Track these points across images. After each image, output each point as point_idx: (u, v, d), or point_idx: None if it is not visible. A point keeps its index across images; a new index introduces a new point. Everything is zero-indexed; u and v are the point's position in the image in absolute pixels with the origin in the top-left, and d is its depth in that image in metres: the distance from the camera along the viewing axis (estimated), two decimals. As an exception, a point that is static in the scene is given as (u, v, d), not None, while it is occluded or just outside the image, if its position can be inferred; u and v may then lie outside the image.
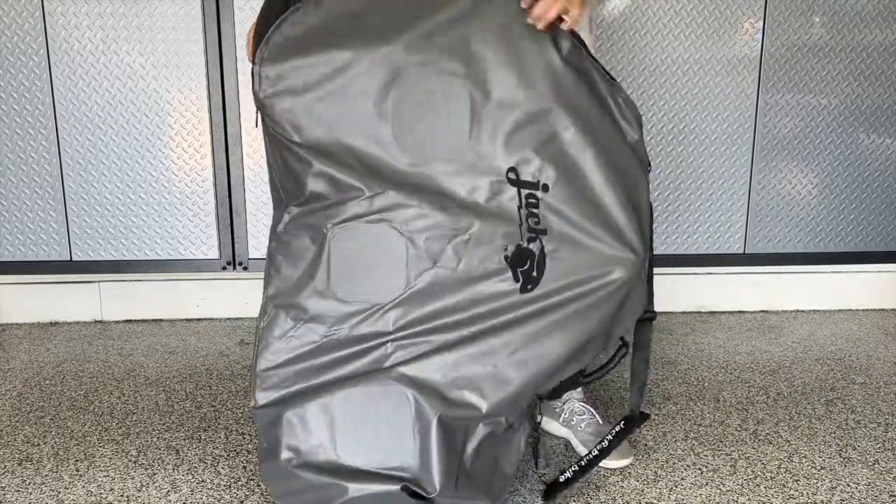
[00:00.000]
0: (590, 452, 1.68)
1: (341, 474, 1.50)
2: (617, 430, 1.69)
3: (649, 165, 1.55)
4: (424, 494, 1.48)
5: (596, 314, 1.50)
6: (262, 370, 1.53)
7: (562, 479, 1.66)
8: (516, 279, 1.47)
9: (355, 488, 1.49)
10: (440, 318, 1.49)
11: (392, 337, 1.50)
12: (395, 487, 1.48)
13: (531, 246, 1.47)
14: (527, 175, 1.45)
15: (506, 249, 1.47)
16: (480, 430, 1.52)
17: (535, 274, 1.47)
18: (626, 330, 1.56)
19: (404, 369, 1.49)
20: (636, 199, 1.50)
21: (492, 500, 1.54)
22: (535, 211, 1.46)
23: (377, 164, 1.47)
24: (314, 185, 1.50)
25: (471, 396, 1.49)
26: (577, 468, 1.66)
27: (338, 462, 1.51)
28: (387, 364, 1.50)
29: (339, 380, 1.51)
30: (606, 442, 1.68)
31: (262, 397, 1.53)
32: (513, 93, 1.43)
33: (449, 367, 1.49)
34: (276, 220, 1.59)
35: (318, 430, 1.51)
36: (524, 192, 1.46)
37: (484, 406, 1.49)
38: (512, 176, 1.45)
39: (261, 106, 1.48)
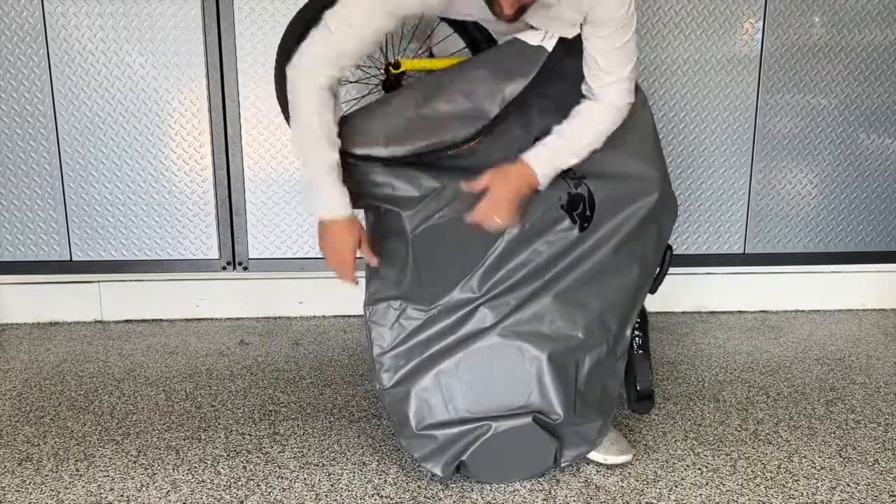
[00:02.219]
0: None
1: (474, 420, 1.71)
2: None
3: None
4: (550, 422, 1.71)
5: (646, 231, 1.75)
6: (377, 356, 1.75)
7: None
8: (573, 221, 1.69)
9: (498, 425, 1.70)
10: (520, 270, 1.70)
11: (483, 300, 1.71)
12: (528, 419, 1.70)
13: (580, 190, 1.69)
14: None
15: (560, 199, 1.68)
16: (588, 361, 1.73)
17: (588, 213, 1.69)
18: (668, 235, 1.83)
19: (506, 325, 1.71)
20: (635, 141, 1.75)
21: (604, 417, 1.76)
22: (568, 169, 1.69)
23: (433, 161, 1.69)
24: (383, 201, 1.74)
25: (567, 328, 1.71)
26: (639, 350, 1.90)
27: (466, 416, 1.71)
28: (487, 324, 1.71)
29: (447, 348, 1.72)
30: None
31: (387, 378, 1.74)
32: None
33: (542, 314, 1.71)
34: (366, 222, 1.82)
35: (438, 396, 1.71)
36: None
37: (580, 332, 1.71)
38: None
39: None
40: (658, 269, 1.83)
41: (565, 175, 1.68)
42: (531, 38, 1.68)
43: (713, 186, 2.62)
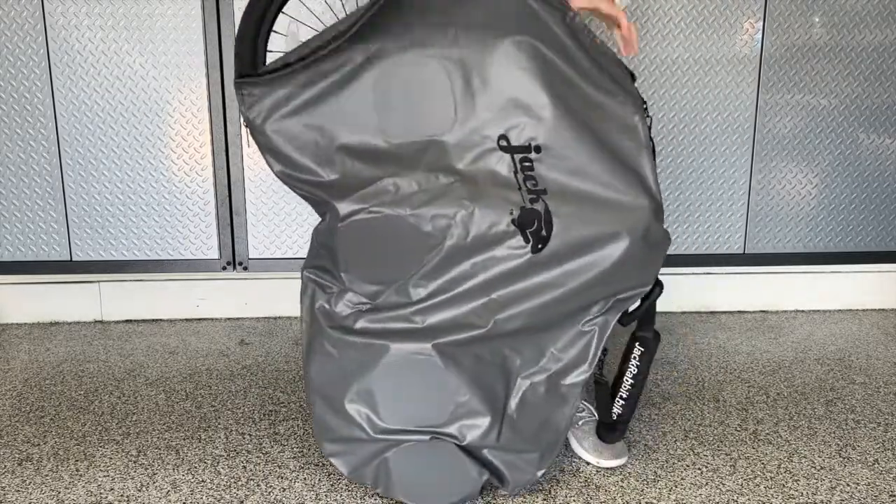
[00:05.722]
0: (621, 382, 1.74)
1: (388, 432, 1.63)
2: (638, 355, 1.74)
3: (645, 105, 1.55)
4: (473, 446, 1.62)
5: (621, 274, 1.54)
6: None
7: (615, 416, 1.75)
8: (526, 240, 1.51)
9: (404, 441, 1.63)
10: (462, 283, 1.55)
11: (417, 308, 1.58)
12: (426, 437, 1.62)
13: (535, 206, 1.50)
14: (518, 140, 1.48)
15: (511, 213, 1.51)
16: (521, 384, 1.63)
17: (543, 233, 1.50)
18: (657, 270, 1.59)
19: (438, 340, 1.60)
20: (631, 149, 1.52)
21: (542, 450, 1.64)
22: (531, 173, 1.49)
23: (368, 153, 1.54)
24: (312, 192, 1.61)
25: (504, 351, 1.62)
26: (622, 404, 1.75)
27: (382, 426, 1.63)
28: (419, 326, 1.60)
29: (375, 347, 1.62)
30: (635, 368, 1.73)
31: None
32: (497, 77, 1.47)
33: (480, 336, 1.59)
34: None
35: (362, 407, 1.64)
36: (517, 156, 1.49)
37: (518, 358, 1.62)
38: (503, 143, 1.49)
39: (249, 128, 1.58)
40: (637, 305, 1.64)
41: (522, 185, 1.50)
42: None
43: (713, 186, 2.62)
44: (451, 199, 1.53)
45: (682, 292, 2.78)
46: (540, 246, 1.51)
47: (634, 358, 1.73)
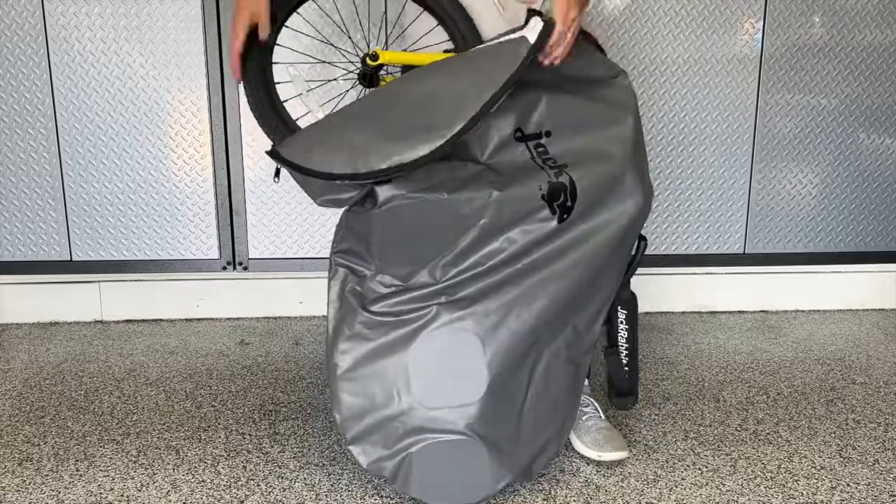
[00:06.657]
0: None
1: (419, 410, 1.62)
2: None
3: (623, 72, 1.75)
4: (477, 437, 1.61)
5: (629, 238, 1.71)
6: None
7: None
8: (552, 212, 1.60)
9: (430, 437, 1.61)
10: (492, 258, 1.60)
11: (448, 284, 1.60)
12: (469, 436, 1.61)
13: (561, 179, 1.61)
14: (531, 129, 1.66)
15: (541, 189, 1.60)
16: (545, 357, 1.69)
17: (569, 204, 1.61)
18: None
19: (463, 312, 1.61)
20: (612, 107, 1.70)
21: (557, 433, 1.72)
22: (548, 156, 1.65)
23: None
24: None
25: (528, 321, 1.64)
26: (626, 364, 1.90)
27: (414, 403, 1.61)
28: (441, 321, 1.61)
29: (408, 326, 1.62)
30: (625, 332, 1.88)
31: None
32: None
33: (505, 304, 1.62)
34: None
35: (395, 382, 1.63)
36: (531, 143, 1.65)
37: (540, 325, 1.64)
38: (518, 135, 1.65)
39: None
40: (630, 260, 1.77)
41: (543, 165, 1.62)
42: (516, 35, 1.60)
43: (713, 186, 2.62)
44: (483, 183, 1.59)
45: (682, 292, 2.78)
46: (565, 216, 1.61)
47: (622, 322, 1.86)
